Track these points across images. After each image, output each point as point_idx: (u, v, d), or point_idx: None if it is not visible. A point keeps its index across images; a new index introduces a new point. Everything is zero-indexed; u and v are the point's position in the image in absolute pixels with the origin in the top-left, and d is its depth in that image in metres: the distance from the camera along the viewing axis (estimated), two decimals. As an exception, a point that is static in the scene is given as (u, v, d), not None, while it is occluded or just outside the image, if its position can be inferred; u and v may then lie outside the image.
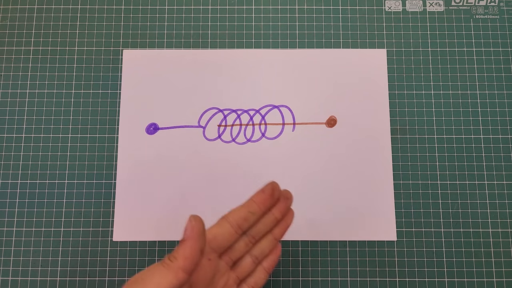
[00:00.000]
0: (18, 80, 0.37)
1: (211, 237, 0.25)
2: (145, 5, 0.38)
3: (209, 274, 0.25)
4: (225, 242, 0.26)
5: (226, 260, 0.26)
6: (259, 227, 0.27)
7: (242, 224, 0.26)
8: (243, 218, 0.26)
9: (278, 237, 0.28)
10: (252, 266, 0.27)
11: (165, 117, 0.36)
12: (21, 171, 0.35)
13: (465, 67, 0.37)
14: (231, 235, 0.26)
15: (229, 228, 0.26)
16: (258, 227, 0.27)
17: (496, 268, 0.34)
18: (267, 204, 0.27)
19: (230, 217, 0.26)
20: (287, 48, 0.38)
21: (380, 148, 0.36)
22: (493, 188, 0.35)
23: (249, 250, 0.27)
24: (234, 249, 0.26)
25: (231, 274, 0.27)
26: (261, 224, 0.27)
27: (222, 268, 0.26)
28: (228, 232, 0.26)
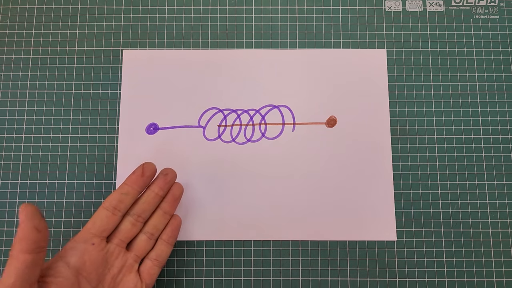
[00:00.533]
0: (18, 80, 0.37)
1: (91, 223, 0.28)
2: (145, 5, 0.38)
3: (97, 257, 0.27)
4: (104, 225, 0.28)
5: (117, 243, 0.29)
6: (142, 206, 0.29)
7: (118, 205, 0.28)
8: (117, 200, 0.28)
9: (168, 210, 0.31)
10: (148, 242, 0.30)
11: (165, 117, 0.36)
12: (21, 171, 0.35)
13: (465, 67, 0.37)
14: (108, 217, 0.28)
15: (106, 212, 0.28)
16: (139, 206, 0.29)
17: (496, 268, 0.34)
18: (140, 184, 0.29)
19: (105, 202, 0.29)
20: (287, 48, 0.38)
21: (380, 148, 0.36)
22: (493, 188, 0.35)
23: (140, 229, 0.30)
24: (121, 230, 0.29)
25: (128, 254, 0.29)
26: (142, 203, 0.30)
27: (114, 250, 0.28)
28: (105, 215, 0.28)
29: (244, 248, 0.34)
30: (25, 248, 0.23)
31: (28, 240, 0.23)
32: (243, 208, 0.35)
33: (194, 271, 0.34)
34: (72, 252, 0.27)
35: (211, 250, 0.34)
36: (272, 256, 0.34)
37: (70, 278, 0.26)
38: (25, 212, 0.24)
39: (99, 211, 0.28)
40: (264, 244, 0.34)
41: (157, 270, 0.30)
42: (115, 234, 0.29)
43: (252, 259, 0.34)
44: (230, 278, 0.34)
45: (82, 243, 0.27)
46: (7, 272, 0.23)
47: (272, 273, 0.34)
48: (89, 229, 0.28)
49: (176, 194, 0.31)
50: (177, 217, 0.32)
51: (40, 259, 0.24)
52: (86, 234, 0.28)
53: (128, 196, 0.29)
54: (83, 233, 0.28)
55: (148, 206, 0.30)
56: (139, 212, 0.29)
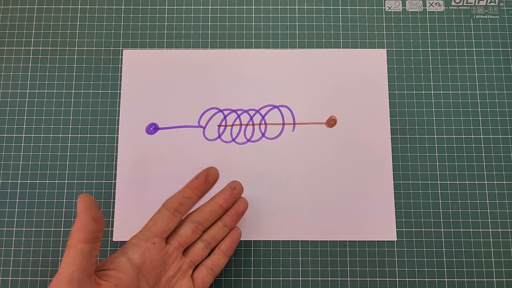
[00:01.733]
0: (18, 80, 0.37)
1: (152, 222, 0.28)
2: (145, 5, 0.38)
3: (157, 257, 0.28)
4: (165, 226, 0.28)
5: (175, 246, 0.29)
6: (204, 215, 0.30)
7: (179, 208, 0.28)
8: (178, 203, 0.29)
9: (229, 224, 0.31)
10: (204, 250, 0.30)
11: (165, 117, 0.36)
12: (21, 171, 0.35)
13: (465, 67, 0.37)
14: (170, 219, 0.28)
15: (167, 213, 0.28)
16: (202, 214, 0.30)
17: (496, 268, 0.34)
18: (201, 189, 0.29)
19: (167, 203, 0.29)
20: (287, 48, 0.38)
21: (380, 148, 0.36)
22: (493, 188, 0.35)
23: (199, 236, 0.30)
24: (180, 234, 0.29)
25: (184, 259, 0.29)
26: (206, 212, 0.30)
27: (172, 253, 0.29)
28: (166, 216, 0.28)
29: (244, 248, 0.34)
30: (82, 237, 0.24)
31: (86, 230, 0.24)
32: (243, 208, 0.35)
33: (194, 271, 0.34)
34: (135, 248, 0.27)
35: (211, 250, 0.34)
36: (272, 256, 0.34)
37: (131, 274, 0.26)
38: (83, 202, 0.24)
39: (160, 211, 0.29)
40: (264, 244, 0.34)
41: (211, 279, 0.30)
42: (174, 237, 0.29)
43: (252, 259, 0.34)
44: (230, 278, 0.34)
45: (144, 241, 0.28)
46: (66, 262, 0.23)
47: (272, 273, 0.34)
48: (150, 228, 0.28)
49: (240, 210, 0.31)
50: (238, 230, 0.31)
51: (96, 249, 0.24)
52: (147, 232, 0.28)
53: (189, 200, 0.29)
54: (145, 231, 0.28)
55: (211, 216, 0.30)
56: (201, 220, 0.29)
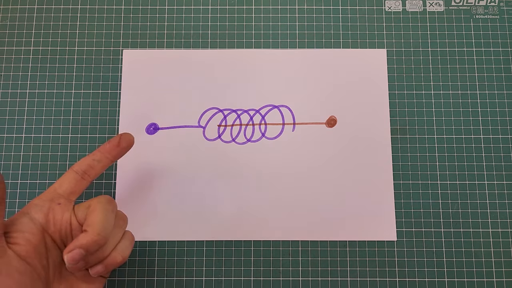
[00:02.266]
0: (18, 80, 0.37)
1: (58, 184, 0.28)
2: (145, 5, 0.38)
3: (63, 217, 0.26)
4: (71, 188, 0.28)
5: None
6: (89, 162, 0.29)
7: (88, 171, 0.28)
8: (87, 165, 0.28)
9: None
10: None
11: (165, 117, 0.36)
12: (21, 171, 0.35)
13: (465, 67, 0.37)
14: (77, 181, 0.28)
15: (75, 175, 0.28)
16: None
17: (496, 268, 0.34)
18: (113, 154, 0.29)
19: (75, 166, 0.28)
20: (287, 48, 0.38)
21: (380, 148, 0.36)
22: (493, 188, 0.35)
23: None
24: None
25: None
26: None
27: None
28: (74, 178, 0.28)
29: (244, 248, 0.34)
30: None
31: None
32: (243, 208, 0.35)
33: (194, 271, 0.34)
34: (37, 208, 0.26)
35: (211, 250, 0.34)
36: (272, 256, 0.34)
37: (36, 234, 0.25)
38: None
39: (67, 173, 0.28)
40: (264, 244, 0.34)
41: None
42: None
43: (252, 259, 0.34)
44: (230, 278, 0.34)
45: (48, 201, 0.27)
46: None
47: (272, 273, 0.34)
48: (55, 189, 0.27)
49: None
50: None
51: (2, 210, 0.24)
52: (52, 193, 0.27)
53: (99, 164, 0.29)
54: (49, 193, 0.27)
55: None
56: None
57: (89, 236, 0.25)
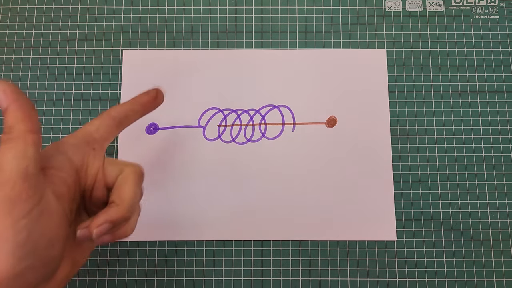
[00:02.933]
0: (18, 80, 0.37)
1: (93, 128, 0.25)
2: (145, 5, 0.38)
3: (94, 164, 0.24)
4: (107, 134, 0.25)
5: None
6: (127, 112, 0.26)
7: (123, 121, 0.26)
8: (125, 115, 0.26)
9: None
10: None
11: (165, 117, 0.36)
12: (21, 171, 0.35)
13: (465, 67, 0.37)
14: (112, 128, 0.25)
15: (112, 122, 0.25)
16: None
17: (496, 268, 0.34)
18: (148, 107, 0.27)
19: (114, 112, 0.26)
20: (287, 48, 0.38)
21: (380, 148, 0.36)
22: (493, 188, 0.35)
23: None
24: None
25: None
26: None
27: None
28: (110, 125, 0.25)
29: (244, 248, 0.34)
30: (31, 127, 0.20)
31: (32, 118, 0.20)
32: (243, 208, 0.35)
33: (194, 271, 0.34)
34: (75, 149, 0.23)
35: (211, 250, 0.34)
36: (272, 256, 0.34)
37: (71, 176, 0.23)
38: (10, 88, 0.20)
39: (104, 118, 0.25)
40: (264, 244, 0.34)
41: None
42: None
43: (252, 259, 0.34)
44: (230, 278, 0.34)
45: (84, 144, 0.24)
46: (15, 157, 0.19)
47: (272, 273, 0.34)
48: (91, 133, 0.24)
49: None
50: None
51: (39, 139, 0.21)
52: (87, 136, 0.24)
53: (135, 115, 0.27)
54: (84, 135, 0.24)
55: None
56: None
57: (121, 212, 0.23)
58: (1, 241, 0.19)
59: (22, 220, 0.19)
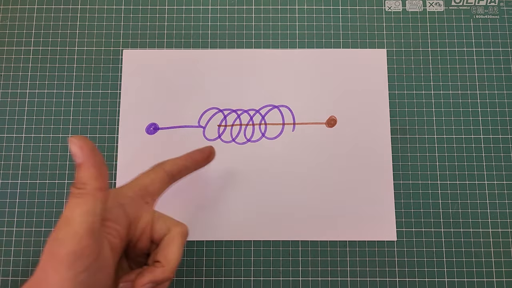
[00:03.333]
0: (18, 80, 0.37)
1: (149, 181, 0.25)
2: (145, 5, 0.38)
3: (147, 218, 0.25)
4: (160, 189, 0.26)
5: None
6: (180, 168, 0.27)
7: (176, 176, 0.26)
8: (178, 170, 0.26)
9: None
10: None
11: (165, 117, 0.36)
12: (21, 171, 0.35)
13: (465, 67, 0.37)
14: (165, 183, 0.26)
15: (166, 176, 0.26)
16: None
17: (496, 268, 0.34)
18: (199, 165, 0.28)
19: (168, 166, 0.26)
20: (287, 48, 0.38)
21: (380, 148, 0.36)
22: (493, 188, 0.35)
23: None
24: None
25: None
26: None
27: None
28: (164, 180, 0.26)
29: (244, 248, 0.34)
30: (100, 185, 0.21)
31: (103, 177, 0.21)
32: (243, 208, 0.35)
33: (194, 271, 0.34)
34: (132, 203, 0.24)
35: (211, 250, 0.34)
36: (272, 256, 0.34)
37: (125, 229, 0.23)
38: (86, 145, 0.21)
39: (158, 172, 0.26)
40: (264, 244, 0.34)
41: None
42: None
43: (252, 259, 0.34)
44: (230, 278, 0.34)
45: (140, 197, 0.24)
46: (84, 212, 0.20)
47: (272, 273, 0.34)
48: (146, 187, 0.25)
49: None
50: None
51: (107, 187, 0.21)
52: (142, 190, 0.25)
53: (187, 171, 0.27)
54: (140, 188, 0.25)
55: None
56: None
57: (166, 273, 0.23)
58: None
59: (82, 274, 0.20)
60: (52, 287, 0.19)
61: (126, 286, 0.23)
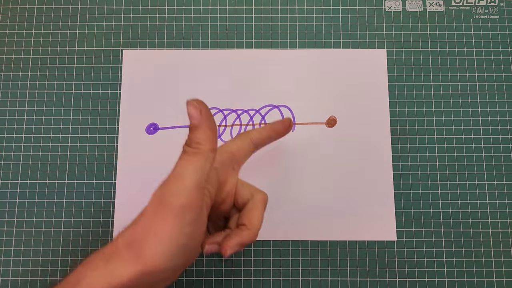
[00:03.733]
0: (18, 80, 0.37)
1: (236, 148, 0.26)
2: (145, 5, 0.38)
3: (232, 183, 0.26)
4: (245, 156, 0.27)
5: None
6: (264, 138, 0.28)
7: (259, 145, 0.27)
8: (262, 140, 0.27)
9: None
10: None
11: (165, 117, 0.36)
12: (21, 171, 0.35)
13: (465, 67, 0.37)
14: (250, 150, 0.27)
15: (252, 145, 0.27)
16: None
17: (496, 268, 0.34)
18: (279, 135, 0.28)
19: (254, 136, 0.27)
20: (287, 48, 0.38)
21: (380, 148, 0.36)
22: (493, 188, 0.35)
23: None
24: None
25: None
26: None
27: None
28: (249, 149, 0.27)
29: (244, 248, 0.34)
30: (213, 147, 0.22)
31: (215, 139, 0.23)
32: (243, 208, 0.35)
33: (194, 271, 0.34)
34: (223, 168, 0.25)
35: (211, 250, 0.34)
36: (272, 256, 0.34)
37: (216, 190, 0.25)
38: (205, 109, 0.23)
39: (245, 140, 0.27)
40: (264, 244, 0.34)
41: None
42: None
43: (252, 259, 0.34)
44: (230, 278, 0.34)
45: (229, 162, 0.26)
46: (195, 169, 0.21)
47: (272, 273, 0.34)
48: (234, 154, 0.26)
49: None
50: None
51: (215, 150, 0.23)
52: (231, 157, 0.26)
53: (270, 140, 0.28)
54: (228, 155, 0.26)
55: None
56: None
57: (251, 236, 0.24)
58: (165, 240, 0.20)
59: (187, 226, 0.21)
60: (158, 235, 0.20)
61: (211, 248, 0.24)
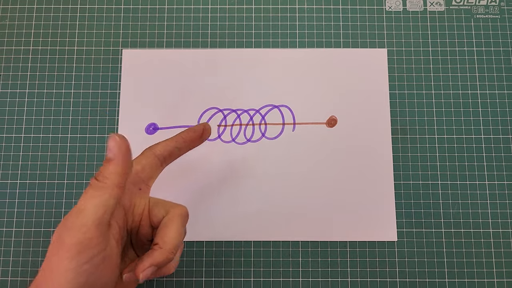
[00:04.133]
0: (18, 80, 0.37)
1: (140, 168, 0.25)
2: (145, 5, 0.38)
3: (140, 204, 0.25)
4: (152, 173, 0.26)
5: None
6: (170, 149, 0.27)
7: (167, 159, 0.26)
8: (169, 152, 0.26)
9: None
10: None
11: (165, 117, 0.36)
12: (21, 171, 0.35)
13: (465, 67, 0.37)
14: (157, 167, 0.26)
15: (157, 160, 0.26)
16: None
17: (497, 269, 0.34)
18: (193, 144, 0.27)
19: (158, 150, 0.26)
20: (287, 48, 0.38)
21: (380, 148, 0.36)
22: (494, 188, 0.35)
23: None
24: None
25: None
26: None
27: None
28: (155, 164, 0.26)
29: (244, 248, 0.34)
30: (120, 182, 0.22)
31: (125, 175, 0.22)
32: (243, 208, 0.35)
33: (194, 272, 0.34)
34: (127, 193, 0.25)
35: (211, 250, 0.34)
36: (272, 256, 0.34)
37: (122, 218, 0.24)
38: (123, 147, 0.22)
39: (148, 156, 0.26)
40: (264, 244, 0.34)
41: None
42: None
43: (252, 259, 0.34)
44: (230, 278, 0.34)
45: (132, 185, 0.25)
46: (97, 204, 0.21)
47: (272, 274, 0.34)
48: (138, 173, 0.25)
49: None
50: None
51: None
52: (134, 177, 0.25)
53: (179, 152, 0.27)
54: (132, 175, 0.25)
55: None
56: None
57: (164, 254, 0.23)
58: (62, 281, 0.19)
59: (85, 265, 0.20)
60: (55, 276, 0.20)
61: (129, 276, 0.23)
